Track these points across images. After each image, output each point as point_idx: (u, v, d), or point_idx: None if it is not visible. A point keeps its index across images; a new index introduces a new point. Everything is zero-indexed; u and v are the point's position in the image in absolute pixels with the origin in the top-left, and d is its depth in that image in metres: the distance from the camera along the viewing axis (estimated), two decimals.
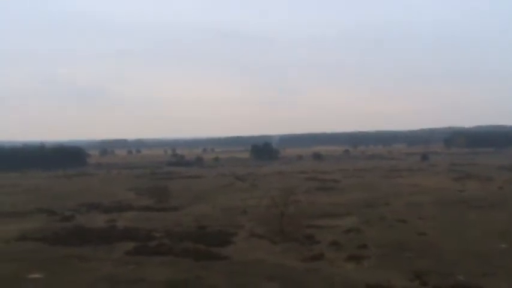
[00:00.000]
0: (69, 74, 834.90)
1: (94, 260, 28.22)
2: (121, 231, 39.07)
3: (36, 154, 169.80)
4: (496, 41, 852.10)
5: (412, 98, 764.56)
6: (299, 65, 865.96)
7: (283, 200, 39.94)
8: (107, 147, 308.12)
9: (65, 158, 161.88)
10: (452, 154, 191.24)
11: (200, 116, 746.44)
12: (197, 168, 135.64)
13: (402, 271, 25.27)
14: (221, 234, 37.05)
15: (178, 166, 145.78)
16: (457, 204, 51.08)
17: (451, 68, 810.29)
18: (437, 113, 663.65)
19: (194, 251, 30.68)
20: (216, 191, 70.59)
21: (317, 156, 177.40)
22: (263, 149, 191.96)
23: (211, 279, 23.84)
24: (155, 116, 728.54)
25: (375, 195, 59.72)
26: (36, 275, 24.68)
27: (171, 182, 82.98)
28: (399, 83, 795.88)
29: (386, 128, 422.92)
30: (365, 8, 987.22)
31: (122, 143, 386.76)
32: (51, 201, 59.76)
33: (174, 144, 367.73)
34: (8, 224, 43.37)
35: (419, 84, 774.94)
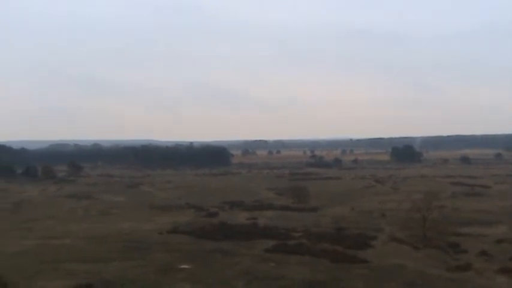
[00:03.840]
0: (215, 77, 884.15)
1: (236, 255, 29.79)
2: (261, 229, 40.75)
3: (186, 153, 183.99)
4: None
5: None
6: (443, 64, 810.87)
7: (426, 204, 38.12)
8: (248, 147, 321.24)
9: (211, 157, 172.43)
10: None
11: (340, 117, 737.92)
12: (336, 170, 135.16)
13: None
14: (360, 237, 36.64)
15: (316, 167, 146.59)
16: None
17: None
18: None
19: (332, 252, 30.81)
20: (355, 193, 69.73)
21: (465, 160, 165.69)
22: (404, 151, 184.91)
23: (350, 281, 23.76)
24: (295, 118, 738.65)
25: None
26: (186, 266, 26.89)
27: (310, 182, 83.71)
28: None
29: None
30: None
31: (262, 144, 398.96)
32: (198, 198, 64.15)
33: (313, 145, 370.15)
34: (162, 217, 47.89)
35: None
